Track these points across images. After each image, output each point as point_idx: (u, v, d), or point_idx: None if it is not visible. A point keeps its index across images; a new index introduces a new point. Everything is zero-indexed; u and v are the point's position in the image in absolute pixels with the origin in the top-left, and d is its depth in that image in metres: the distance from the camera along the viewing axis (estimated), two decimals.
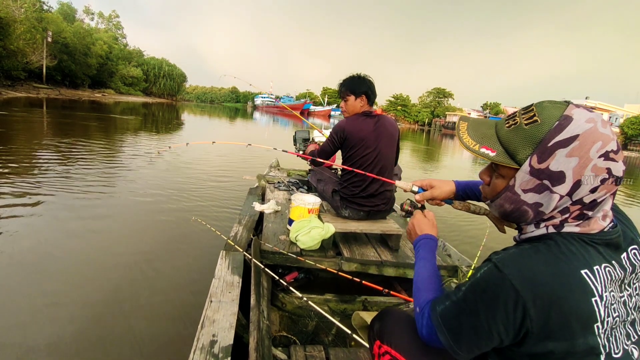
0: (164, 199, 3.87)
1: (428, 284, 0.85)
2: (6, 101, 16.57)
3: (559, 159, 0.59)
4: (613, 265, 0.62)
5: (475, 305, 0.63)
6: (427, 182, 1.06)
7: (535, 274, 0.58)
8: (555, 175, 0.60)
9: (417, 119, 63.90)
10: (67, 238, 2.67)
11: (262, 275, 1.70)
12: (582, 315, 0.57)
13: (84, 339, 1.63)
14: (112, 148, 6.95)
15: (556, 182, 0.61)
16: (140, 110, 22.44)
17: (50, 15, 32.70)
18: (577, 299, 0.57)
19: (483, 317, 0.62)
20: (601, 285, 0.59)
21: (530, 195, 0.64)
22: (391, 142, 2.22)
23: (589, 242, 0.62)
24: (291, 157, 4.65)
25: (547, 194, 0.62)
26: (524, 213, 0.67)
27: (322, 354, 1.35)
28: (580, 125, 0.59)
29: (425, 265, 0.90)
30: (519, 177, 0.65)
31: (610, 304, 0.60)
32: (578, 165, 0.59)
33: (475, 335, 0.64)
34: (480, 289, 0.63)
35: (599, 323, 0.58)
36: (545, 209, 0.64)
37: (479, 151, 0.69)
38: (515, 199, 0.67)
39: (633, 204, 7.46)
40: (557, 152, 0.59)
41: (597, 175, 0.59)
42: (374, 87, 2.23)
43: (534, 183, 0.63)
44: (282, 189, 3.32)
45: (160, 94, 60.79)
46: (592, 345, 0.58)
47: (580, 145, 0.58)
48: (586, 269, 0.59)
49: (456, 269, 2.04)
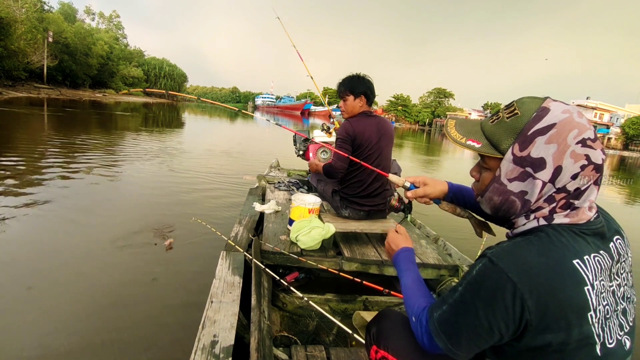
0: (164, 199, 3.87)
1: (416, 291, 0.85)
2: (7, 101, 16.59)
3: (539, 146, 0.63)
4: (602, 254, 0.64)
5: (473, 303, 0.63)
6: (421, 179, 1.05)
7: (531, 266, 0.59)
8: (536, 161, 0.64)
9: (417, 119, 63.89)
10: (67, 237, 2.67)
11: (263, 275, 1.70)
12: (577, 305, 0.58)
13: (84, 339, 1.63)
14: (112, 148, 6.95)
15: (538, 168, 0.64)
16: (141, 110, 22.46)
17: (51, 16, 32.73)
18: (571, 288, 0.58)
19: (482, 314, 0.62)
20: (592, 274, 0.60)
21: (516, 184, 0.67)
22: (390, 142, 2.23)
23: (578, 233, 0.64)
24: (291, 157, 4.65)
25: (530, 180, 0.65)
26: (512, 204, 0.69)
27: (323, 354, 1.36)
28: (557, 115, 0.63)
29: (409, 275, 0.90)
30: (504, 166, 0.68)
31: (600, 293, 0.61)
32: (557, 151, 0.62)
33: (474, 334, 0.64)
34: (477, 285, 0.63)
35: (592, 312, 0.59)
36: (531, 196, 0.66)
37: (466, 143, 0.73)
38: (502, 189, 0.70)
39: (634, 204, 7.45)
40: (537, 140, 0.63)
41: (576, 162, 0.62)
42: (373, 87, 2.22)
43: (518, 171, 0.66)
44: (282, 189, 3.32)
45: (160, 94, 60.82)
46: (587, 335, 0.59)
47: (558, 133, 0.62)
48: (577, 259, 0.60)
49: (457, 268, 2.04)
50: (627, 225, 4.89)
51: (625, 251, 0.69)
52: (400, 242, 1.02)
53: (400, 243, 1.02)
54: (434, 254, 2.15)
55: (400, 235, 1.04)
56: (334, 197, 2.32)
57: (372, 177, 2.17)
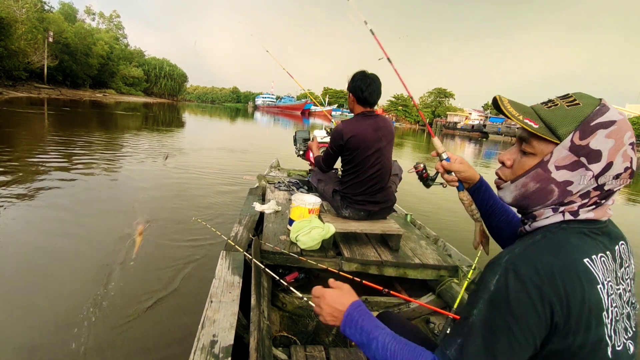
0: (164, 199, 3.88)
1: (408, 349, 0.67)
2: (7, 101, 16.60)
3: (599, 138, 0.62)
4: (607, 255, 0.64)
5: (503, 320, 0.58)
6: (458, 158, 1.03)
7: (549, 269, 0.58)
8: (593, 153, 0.63)
9: (418, 119, 63.90)
10: (66, 236, 2.67)
11: (263, 275, 1.70)
12: (593, 304, 0.58)
13: (83, 339, 1.63)
14: (112, 147, 6.96)
15: (593, 160, 0.63)
16: (142, 110, 22.46)
17: (52, 16, 32.79)
18: (586, 287, 0.58)
19: (517, 330, 0.57)
20: (601, 273, 0.61)
21: (562, 172, 0.66)
22: (391, 142, 2.22)
23: (587, 233, 0.64)
24: (292, 158, 4.65)
25: (581, 171, 0.64)
26: (548, 193, 0.68)
27: (323, 354, 1.36)
28: (616, 114, 0.64)
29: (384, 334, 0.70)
30: (557, 152, 0.66)
31: (610, 294, 0.61)
32: (614, 147, 0.62)
33: (513, 354, 0.58)
34: (504, 300, 0.58)
35: (606, 312, 0.59)
36: (574, 187, 0.65)
37: (523, 121, 0.69)
38: (545, 176, 0.67)
39: (634, 204, 7.45)
40: (599, 132, 0.62)
41: (624, 162, 0.63)
42: (379, 87, 2.14)
43: (571, 159, 0.65)
44: (282, 189, 3.32)
45: (161, 94, 60.90)
46: (601, 336, 0.58)
47: (618, 130, 0.62)
48: (587, 258, 0.61)
49: (457, 268, 2.04)
50: (627, 225, 4.89)
51: (629, 257, 0.70)
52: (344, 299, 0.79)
53: (344, 300, 0.78)
54: (433, 255, 2.15)
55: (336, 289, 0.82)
56: (334, 197, 2.32)
57: (373, 177, 2.16)
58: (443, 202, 5.16)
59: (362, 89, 2.11)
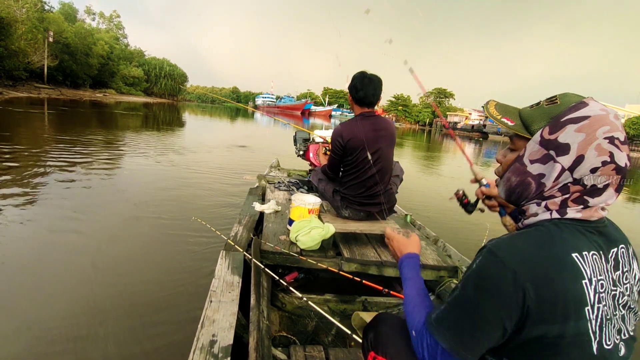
0: (164, 199, 3.88)
1: (420, 303, 0.82)
2: (7, 101, 16.61)
3: (568, 132, 0.64)
4: (600, 254, 0.64)
5: (474, 295, 0.63)
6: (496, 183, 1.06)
7: (529, 255, 0.61)
8: (561, 146, 0.65)
9: (418, 119, 63.94)
10: (65, 235, 2.67)
11: (262, 275, 1.70)
12: (573, 297, 0.59)
13: (83, 339, 1.63)
14: (112, 147, 6.96)
15: (561, 153, 0.65)
16: (142, 110, 22.47)
17: (52, 16, 32.78)
18: (568, 280, 0.59)
19: (485, 306, 0.61)
20: (590, 269, 0.61)
21: (536, 166, 0.69)
22: (391, 143, 2.21)
23: (582, 230, 0.65)
24: (291, 158, 4.65)
25: (550, 164, 0.66)
26: (527, 186, 0.71)
27: (322, 354, 1.36)
28: (594, 110, 0.64)
29: (412, 286, 0.89)
30: (529, 147, 0.70)
31: (599, 291, 0.61)
32: (584, 140, 0.63)
33: (479, 328, 0.62)
34: (478, 277, 0.63)
35: (589, 307, 0.60)
36: (547, 180, 0.67)
37: (500, 120, 0.75)
38: (522, 170, 0.71)
39: (634, 204, 7.45)
40: (568, 127, 0.65)
41: (599, 155, 0.62)
42: (377, 88, 2.12)
43: (541, 153, 0.68)
44: (282, 189, 3.32)
45: (161, 94, 60.93)
46: (582, 331, 0.59)
47: (590, 124, 0.63)
48: (576, 253, 0.62)
49: (456, 269, 2.03)
50: (628, 225, 4.88)
51: (629, 262, 0.69)
52: (405, 248, 1.02)
53: (404, 249, 1.02)
54: (433, 255, 2.15)
55: (407, 240, 1.04)
56: (334, 197, 2.32)
57: (373, 178, 2.16)
58: (443, 202, 5.16)
59: (357, 88, 2.11)
